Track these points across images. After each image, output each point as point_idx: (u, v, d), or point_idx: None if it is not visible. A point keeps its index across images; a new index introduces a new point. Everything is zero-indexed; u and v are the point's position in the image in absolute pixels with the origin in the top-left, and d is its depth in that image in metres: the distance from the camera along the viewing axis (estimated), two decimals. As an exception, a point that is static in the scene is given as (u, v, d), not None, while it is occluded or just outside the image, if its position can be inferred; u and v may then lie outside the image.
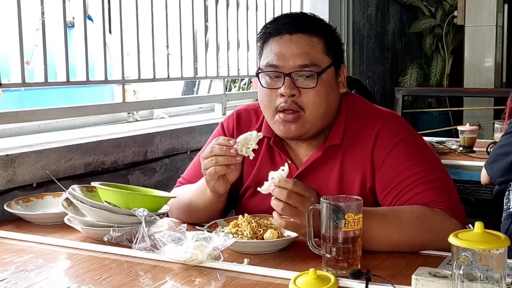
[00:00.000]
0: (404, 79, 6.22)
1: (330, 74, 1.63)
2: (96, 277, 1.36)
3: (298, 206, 1.41)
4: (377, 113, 1.70)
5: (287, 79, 1.59)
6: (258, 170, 1.75)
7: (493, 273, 1.09)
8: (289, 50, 1.60)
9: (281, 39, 1.61)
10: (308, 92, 1.59)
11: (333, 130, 1.68)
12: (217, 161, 1.57)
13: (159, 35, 2.93)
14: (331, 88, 1.63)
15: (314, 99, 1.59)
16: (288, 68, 1.59)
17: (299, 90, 1.59)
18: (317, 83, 1.58)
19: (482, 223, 1.11)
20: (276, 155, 1.75)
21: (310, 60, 1.59)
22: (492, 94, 5.70)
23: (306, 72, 1.59)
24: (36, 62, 2.34)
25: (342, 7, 4.76)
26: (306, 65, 1.59)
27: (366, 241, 1.39)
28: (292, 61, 1.59)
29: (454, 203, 1.57)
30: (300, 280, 1.21)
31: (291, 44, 1.60)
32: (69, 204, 1.67)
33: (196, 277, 1.35)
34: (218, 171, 1.58)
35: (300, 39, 1.60)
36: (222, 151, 1.57)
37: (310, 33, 1.61)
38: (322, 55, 1.61)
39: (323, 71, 1.60)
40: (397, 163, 1.61)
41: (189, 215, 1.74)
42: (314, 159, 1.68)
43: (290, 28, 1.61)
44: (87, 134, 2.50)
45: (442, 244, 1.37)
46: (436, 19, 6.35)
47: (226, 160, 1.57)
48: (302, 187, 1.43)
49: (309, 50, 1.60)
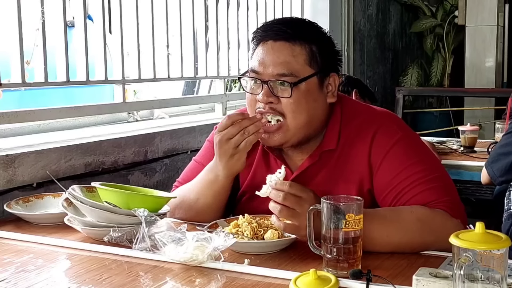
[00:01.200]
0: (405, 79, 6.22)
1: (312, 84, 1.61)
2: (96, 278, 1.35)
3: (295, 208, 1.41)
4: (373, 115, 1.69)
5: (265, 86, 1.60)
6: (253, 174, 1.75)
7: (494, 274, 1.09)
8: (270, 58, 1.60)
9: (266, 45, 1.62)
10: (285, 101, 1.59)
11: (327, 135, 1.67)
12: (247, 131, 1.58)
13: (159, 35, 2.93)
14: (313, 99, 1.62)
15: (292, 108, 1.59)
16: (266, 76, 1.60)
17: (277, 97, 1.60)
18: (292, 93, 1.58)
19: (483, 223, 1.10)
20: (271, 159, 1.74)
21: (288, 69, 1.59)
22: (493, 94, 5.69)
23: (282, 81, 1.59)
24: (36, 62, 2.34)
25: (343, 7, 4.75)
26: (284, 74, 1.59)
27: (366, 242, 1.39)
28: (271, 69, 1.60)
29: (454, 202, 1.57)
30: (301, 281, 1.20)
31: (273, 52, 1.61)
32: (69, 204, 1.67)
33: (196, 277, 1.35)
34: (252, 140, 1.59)
35: (282, 47, 1.60)
36: (249, 121, 1.58)
37: (294, 42, 1.60)
38: (303, 66, 1.60)
39: (300, 81, 1.59)
40: (395, 164, 1.60)
41: (194, 213, 1.73)
42: (309, 164, 1.68)
43: (275, 35, 1.62)
44: (87, 134, 2.49)
45: (443, 244, 1.36)
46: (437, 19, 6.35)
47: (255, 127, 1.58)
48: (299, 189, 1.43)
49: (290, 59, 1.60)
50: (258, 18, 3.79)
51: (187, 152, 2.87)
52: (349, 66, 4.90)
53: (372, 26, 5.45)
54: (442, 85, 6.38)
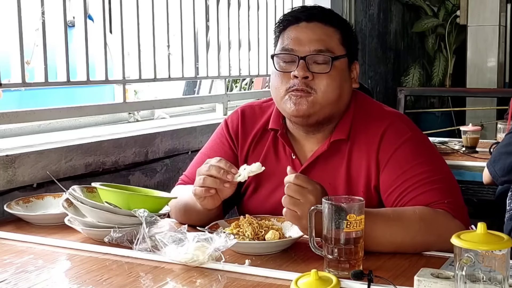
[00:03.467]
0: (407, 79, 6.22)
1: (344, 64, 1.66)
2: (96, 278, 1.35)
3: (298, 197, 1.41)
4: (384, 113, 1.71)
5: (302, 62, 1.61)
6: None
7: (496, 274, 1.08)
8: (306, 35, 1.63)
9: (299, 26, 1.65)
10: (322, 76, 1.61)
11: (340, 125, 1.68)
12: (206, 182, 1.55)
13: (160, 35, 2.93)
14: (345, 78, 1.66)
15: (328, 82, 1.61)
16: (303, 52, 1.62)
17: (312, 74, 1.61)
18: (331, 68, 1.61)
19: (485, 224, 1.10)
20: (280, 150, 1.74)
21: (326, 46, 1.62)
22: (495, 94, 5.69)
23: (320, 56, 1.61)
24: (36, 62, 2.33)
25: (344, 7, 4.75)
26: (322, 50, 1.61)
27: (369, 242, 1.39)
28: (308, 46, 1.62)
29: (458, 204, 1.57)
30: (302, 281, 1.20)
31: (308, 30, 1.64)
32: (69, 204, 1.67)
33: (197, 278, 1.35)
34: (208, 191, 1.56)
35: (317, 27, 1.64)
36: (219, 174, 1.54)
37: (327, 23, 1.65)
38: (338, 45, 1.64)
39: (338, 58, 1.62)
40: (401, 162, 1.61)
41: (186, 218, 1.72)
42: (319, 153, 1.68)
43: (309, 16, 1.65)
44: (87, 134, 2.49)
45: (445, 245, 1.36)
46: (439, 18, 6.34)
47: (215, 184, 1.55)
48: (303, 180, 1.44)
49: (325, 37, 1.63)
50: (259, 18, 3.78)
51: (188, 153, 2.87)
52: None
53: (373, 26, 5.45)
54: (444, 85, 6.38)
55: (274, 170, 1.68)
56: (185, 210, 1.72)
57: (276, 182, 1.64)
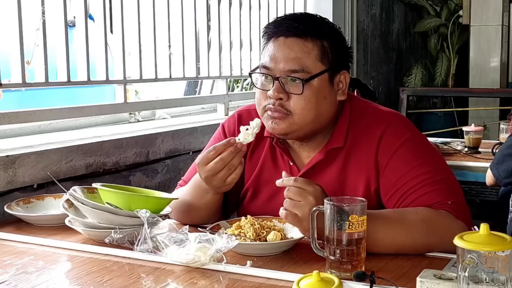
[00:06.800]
0: (409, 79, 6.21)
1: (323, 81, 1.60)
2: (97, 279, 1.35)
3: (299, 199, 1.41)
4: (381, 115, 1.69)
5: (276, 83, 1.59)
6: (260, 171, 1.74)
7: (499, 275, 1.08)
8: (282, 53, 1.59)
9: (277, 41, 1.61)
10: (296, 97, 1.58)
11: (335, 132, 1.67)
12: (232, 166, 1.57)
13: (161, 35, 2.93)
14: (323, 96, 1.61)
15: (302, 104, 1.58)
16: (278, 72, 1.59)
17: (288, 94, 1.59)
18: (303, 90, 1.57)
19: (488, 225, 1.10)
20: (278, 156, 1.74)
21: (301, 65, 1.58)
22: (497, 94, 5.68)
23: (293, 77, 1.58)
24: (37, 62, 2.33)
25: (346, 7, 4.75)
26: (295, 70, 1.57)
27: (371, 244, 1.38)
28: (283, 65, 1.58)
29: (460, 205, 1.56)
30: (304, 283, 1.19)
31: (285, 47, 1.59)
32: (70, 205, 1.66)
33: (198, 279, 1.34)
34: (238, 172, 1.58)
35: (294, 43, 1.59)
36: (231, 153, 1.56)
37: (306, 38, 1.59)
38: (315, 62, 1.59)
39: (311, 78, 1.58)
40: (402, 164, 1.59)
41: (190, 217, 1.72)
42: (316, 161, 1.67)
43: (286, 31, 1.60)
44: (88, 134, 2.49)
45: (447, 246, 1.36)
46: (441, 18, 6.34)
47: (238, 159, 1.57)
48: (303, 182, 1.44)
49: (302, 55, 1.58)
50: (260, 18, 3.78)
51: (189, 153, 2.86)
52: (352, 66, 4.89)
53: (375, 25, 5.44)
54: (447, 85, 6.37)
55: (272, 176, 1.66)
56: (190, 208, 1.71)
57: (274, 188, 1.63)
